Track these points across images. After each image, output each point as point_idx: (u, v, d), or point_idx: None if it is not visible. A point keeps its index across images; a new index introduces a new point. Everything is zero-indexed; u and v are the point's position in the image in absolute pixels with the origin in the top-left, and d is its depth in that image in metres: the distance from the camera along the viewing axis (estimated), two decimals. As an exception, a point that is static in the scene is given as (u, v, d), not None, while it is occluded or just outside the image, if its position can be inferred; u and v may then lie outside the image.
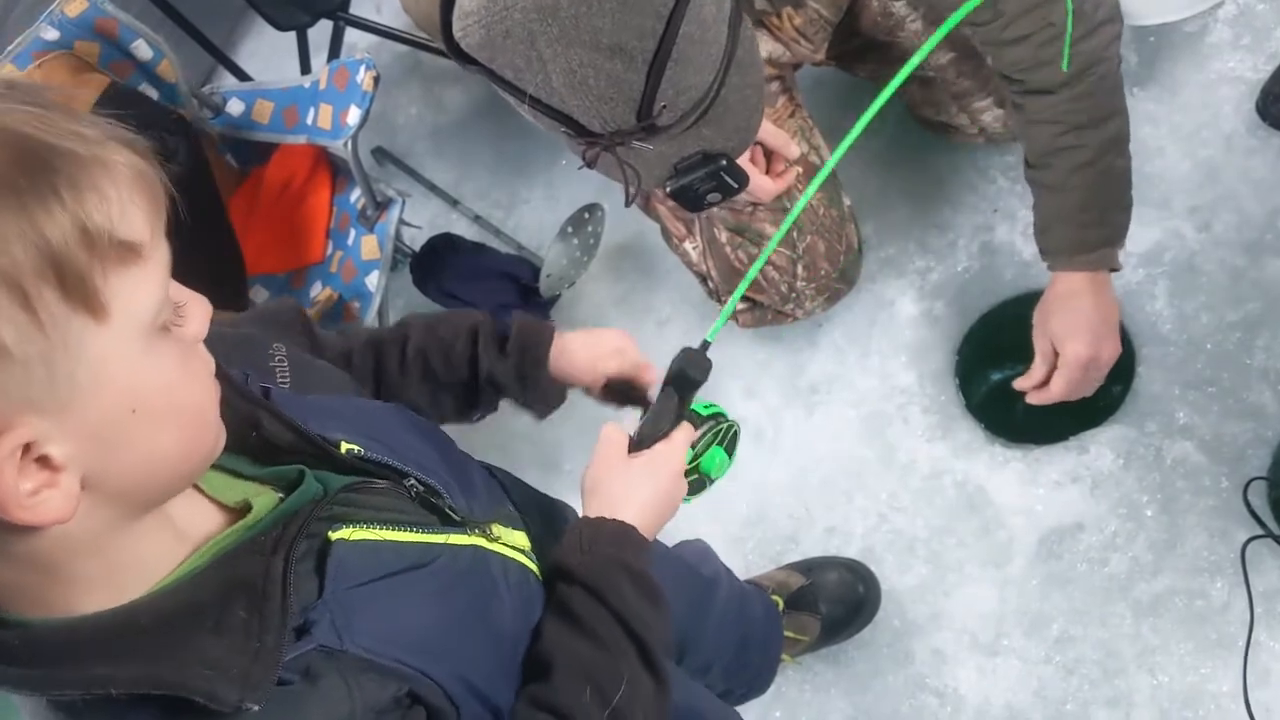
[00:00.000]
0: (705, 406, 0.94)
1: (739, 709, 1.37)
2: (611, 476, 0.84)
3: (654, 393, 0.90)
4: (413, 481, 0.73)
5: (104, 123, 0.52)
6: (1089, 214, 1.28)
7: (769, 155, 1.45)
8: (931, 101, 1.54)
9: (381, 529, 0.67)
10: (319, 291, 1.72)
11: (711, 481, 0.96)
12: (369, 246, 1.68)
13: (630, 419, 0.90)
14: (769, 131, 1.41)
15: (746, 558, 1.63)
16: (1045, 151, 1.27)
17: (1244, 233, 1.56)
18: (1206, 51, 1.66)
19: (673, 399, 0.87)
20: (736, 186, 0.96)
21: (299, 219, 1.77)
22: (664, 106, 0.85)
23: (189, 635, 0.56)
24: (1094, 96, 1.20)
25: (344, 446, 0.70)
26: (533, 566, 0.79)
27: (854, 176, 1.70)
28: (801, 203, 0.94)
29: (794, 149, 1.43)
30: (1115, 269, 1.32)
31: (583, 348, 0.96)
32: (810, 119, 1.52)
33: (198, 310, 0.57)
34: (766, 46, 1.46)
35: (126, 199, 0.51)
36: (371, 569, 0.65)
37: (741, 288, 0.96)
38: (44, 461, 0.50)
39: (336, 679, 0.60)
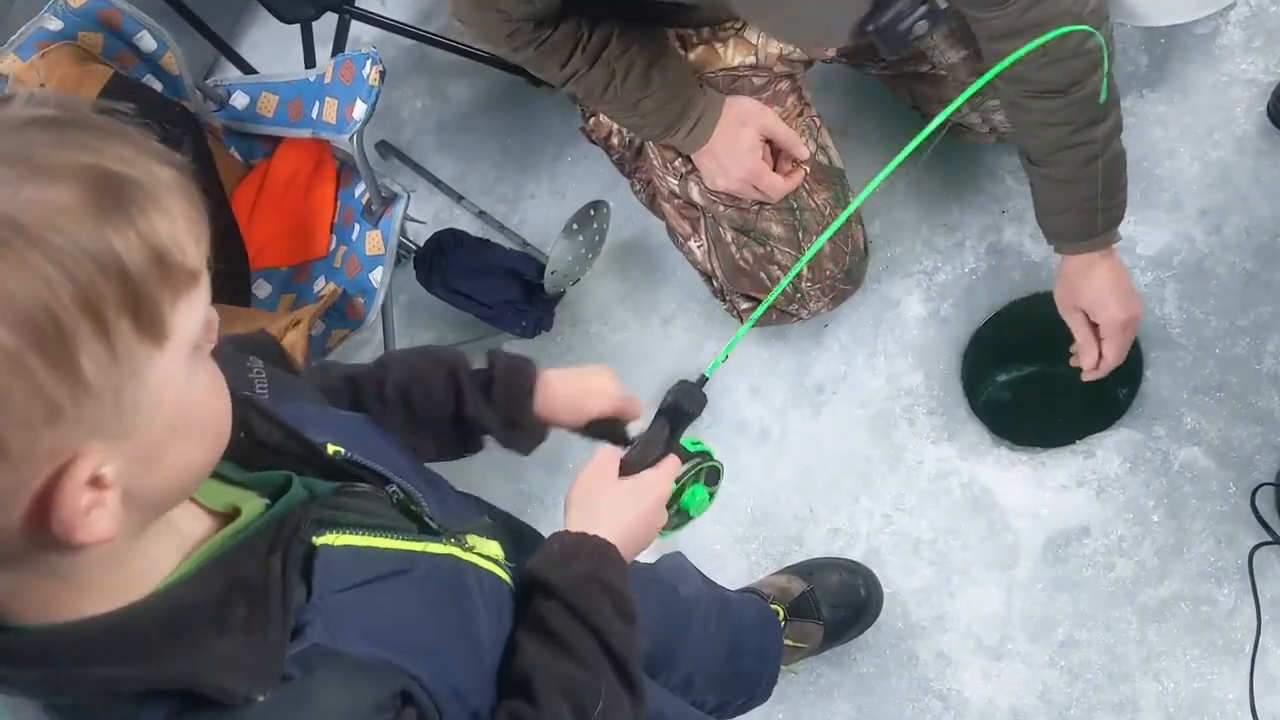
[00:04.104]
0: (693, 443, 0.93)
1: (742, 718, 1.36)
2: (598, 494, 0.85)
3: (638, 426, 0.91)
4: (394, 488, 0.73)
5: (142, 137, 0.52)
6: (1094, 202, 1.29)
7: (777, 154, 1.44)
8: (942, 100, 1.52)
9: (364, 534, 0.68)
10: (322, 286, 1.71)
11: (690, 519, 0.95)
12: (373, 241, 1.67)
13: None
14: (780, 129, 1.40)
15: (750, 558, 1.62)
16: (1054, 150, 1.27)
17: (1255, 236, 1.55)
18: (1218, 53, 1.65)
19: (664, 429, 0.88)
20: (944, 6, 0.93)
21: (303, 213, 1.76)
22: None
23: (194, 633, 0.57)
24: (1098, 94, 1.19)
25: (331, 449, 0.71)
26: (505, 577, 0.79)
27: (861, 177, 1.69)
28: (818, 244, 0.92)
29: (804, 149, 1.42)
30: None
31: (565, 391, 0.93)
32: (818, 118, 1.51)
33: (216, 323, 0.58)
34: (777, 43, 1.45)
35: (188, 224, 0.52)
36: (356, 574, 0.66)
37: (752, 319, 0.94)
38: (95, 482, 0.51)
39: (335, 674, 0.61)
